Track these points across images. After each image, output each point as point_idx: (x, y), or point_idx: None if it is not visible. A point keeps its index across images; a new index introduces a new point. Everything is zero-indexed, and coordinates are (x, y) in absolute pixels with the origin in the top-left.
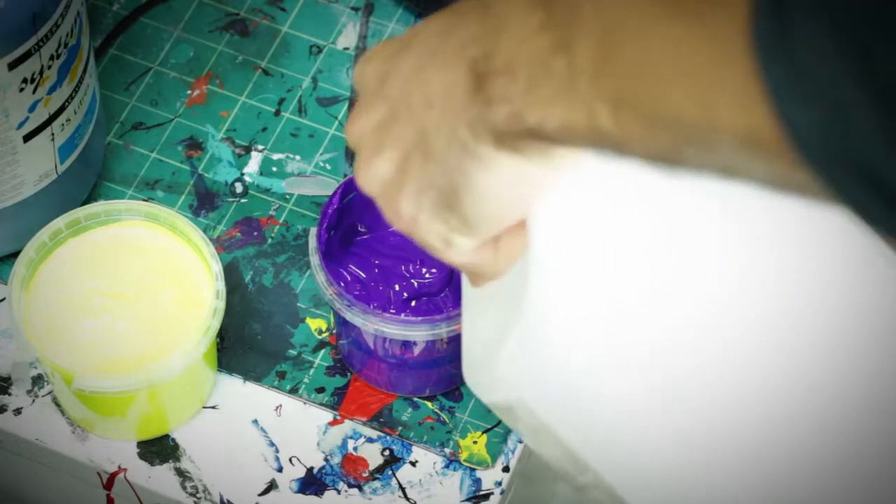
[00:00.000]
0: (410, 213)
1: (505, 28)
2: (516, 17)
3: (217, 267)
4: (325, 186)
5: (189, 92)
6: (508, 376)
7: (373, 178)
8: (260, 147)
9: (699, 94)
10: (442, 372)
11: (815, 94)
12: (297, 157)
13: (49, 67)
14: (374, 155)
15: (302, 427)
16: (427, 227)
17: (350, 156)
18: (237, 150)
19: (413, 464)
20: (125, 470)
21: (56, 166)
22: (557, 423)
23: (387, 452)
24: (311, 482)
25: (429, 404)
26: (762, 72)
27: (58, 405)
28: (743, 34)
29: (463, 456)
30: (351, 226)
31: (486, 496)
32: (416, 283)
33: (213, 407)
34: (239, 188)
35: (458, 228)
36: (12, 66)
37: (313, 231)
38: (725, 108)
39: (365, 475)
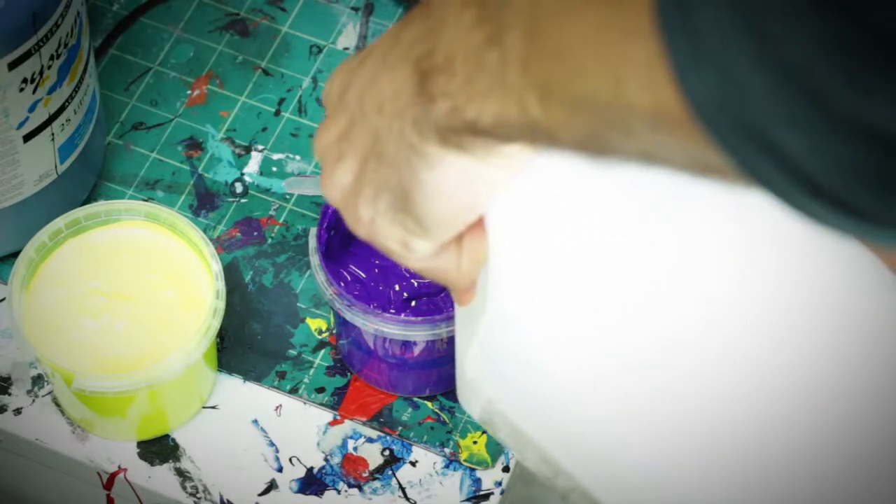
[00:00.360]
0: (368, 217)
1: (443, 26)
2: (453, 15)
3: (217, 267)
4: None
5: (189, 92)
6: (474, 379)
7: (334, 187)
8: (260, 147)
9: (611, 74)
10: (442, 372)
11: (710, 64)
12: (297, 157)
13: (49, 67)
14: (335, 165)
15: (302, 427)
16: (385, 231)
17: None
18: (237, 150)
19: (413, 464)
20: (125, 470)
21: (56, 166)
22: (526, 426)
23: (387, 452)
24: (311, 482)
25: (429, 404)
26: (665, 47)
27: (58, 405)
28: (649, 12)
29: (463, 456)
30: None
31: (486, 496)
32: (416, 283)
33: (213, 407)
34: (239, 188)
35: (414, 231)
36: (12, 66)
37: (313, 231)
38: (634, 86)
39: (365, 475)
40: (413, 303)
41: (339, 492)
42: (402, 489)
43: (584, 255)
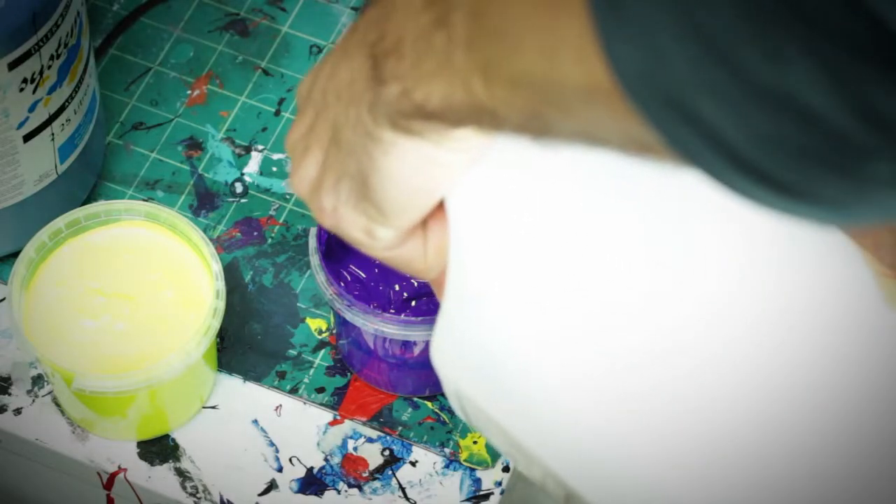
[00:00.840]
0: (331, 206)
1: (395, 9)
2: None
3: (217, 267)
4: None
5: (189, 92)
6: (440, 367)
7: (301, 180)
8: (260, 147)
9: (546, 50)
10: None
11: (634, 34)
12: None
13: (49, 67)
14: (302, 159)
15: (302, 427)
16: (348, 219)
17: None
18: (237, 150)
19: (413, 464)
20: (125, 470)
21: (56, 166)
22: (495, 412)
23: (387, 452)
24: (311, 482)
25: (429, 404)
26: (593, 20)
27: (58, 405)
28: None
29: (463, 456)
30: None
31: (486, 496)
32: (415, 283)
33: (213, 407)
34: (239, 188)
35: (375, 217)
36: (12, 66)
37: (313, 231)
38: (568, 61)
39: (365, 475)
40: (413, 303)
41: (339, 492)
42: (402, 489)
43: (552, 242)
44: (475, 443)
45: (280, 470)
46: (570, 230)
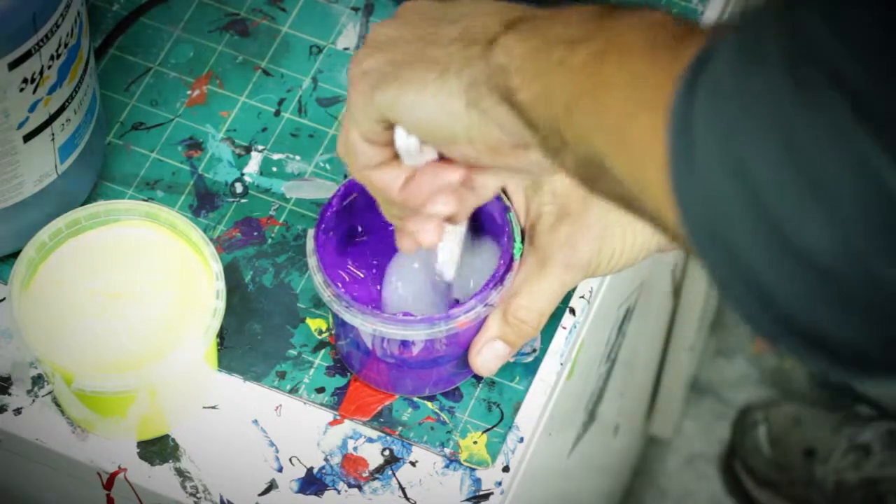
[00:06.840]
0: (365, 70)
1: (556, 21)
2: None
3: (217, 267)
4: (323, 189)
5: (189, 92)
6: None
7: (358, 62)
8: (260, 147)
9: (632, 174)
10: (441, 372)
11: (701, 195)
12: (297, 158)
13: (49, 67)
14: (370, 54)
15: (302, 427)
16: (366, 95)
17: None
18: (237, 150)
19: (413, 464)
20: (125, 470)
21: (56, 166)
22: None
23: (387, 452)
24: (311, 482)
25: (429, 404)
26: (672, 182)
27: (58, 405)
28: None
29: (463, 456)
30: (350, 227)
31: (486, 496)
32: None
33: (213, 407)
34: (239, 188)
35: (386, 109)
36: (12, 66)
37: (311, 232)
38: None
39: (365, 475)
40: None
41: (339, 492)
42: (402, 489)
43: None
44: (475, 443)
45: (280, 470)
46: None
